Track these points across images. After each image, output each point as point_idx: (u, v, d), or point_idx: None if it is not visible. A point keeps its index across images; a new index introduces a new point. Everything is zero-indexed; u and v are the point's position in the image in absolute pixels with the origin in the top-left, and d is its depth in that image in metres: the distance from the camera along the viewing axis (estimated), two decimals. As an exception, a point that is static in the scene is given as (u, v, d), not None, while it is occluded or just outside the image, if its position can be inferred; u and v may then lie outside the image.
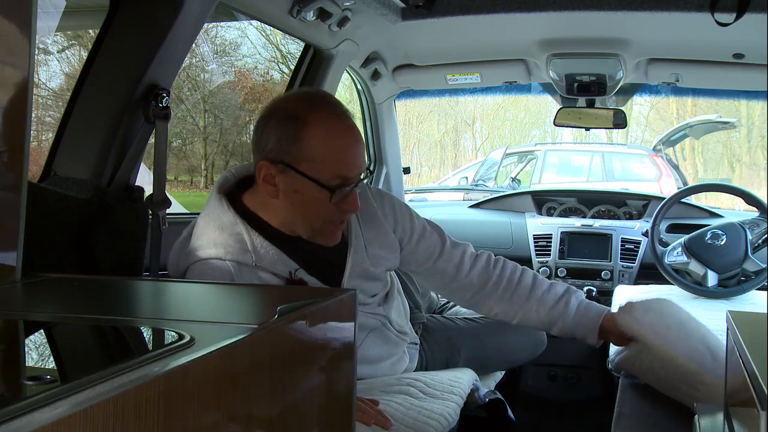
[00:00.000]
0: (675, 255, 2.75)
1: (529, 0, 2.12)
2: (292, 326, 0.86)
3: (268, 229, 1.52)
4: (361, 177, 1.50)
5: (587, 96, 2.76)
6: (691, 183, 8.06)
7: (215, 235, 1.49)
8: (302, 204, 1.47)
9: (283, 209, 1.51)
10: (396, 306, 1.75)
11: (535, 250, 3.14)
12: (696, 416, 1.13)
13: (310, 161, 1.44)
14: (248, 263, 1.48)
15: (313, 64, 2.37)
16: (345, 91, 4.20)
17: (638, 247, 3.05)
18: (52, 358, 0.71)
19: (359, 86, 2.95)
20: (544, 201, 3.37)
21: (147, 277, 1.61)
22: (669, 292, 2.72)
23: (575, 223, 3.18)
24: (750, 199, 2.78)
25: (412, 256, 1.72)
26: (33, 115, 1.06)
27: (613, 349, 2.08)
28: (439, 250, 1.73)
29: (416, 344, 1.87)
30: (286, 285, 1.49)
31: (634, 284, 2.99)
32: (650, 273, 2.94)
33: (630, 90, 3.08)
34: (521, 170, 8.59)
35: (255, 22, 5.38)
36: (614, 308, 2.56)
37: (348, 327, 1.03)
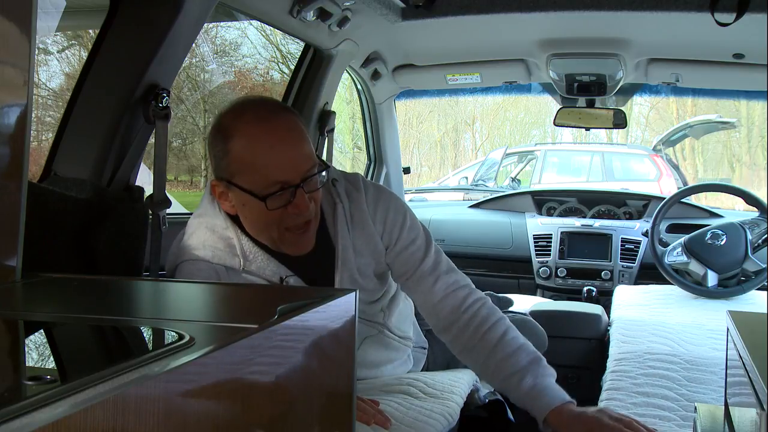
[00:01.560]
0: (675, 255, 2.75)
1: (529, 0, 2.12)
2: (292, 326, 0.86)
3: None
4: (312, 174, 1.41)
5: (587, 96, 2.77)
6: (691, 183, 8.06)
7: (206, 236, 1.48)
8: (252, 217, 1.43)
9: (245, 223, 1.47)
10: (398, 311, 1.72)
11: (535, 250, 3.15)
12: (696, 416, 1.13)
13: (241, 173, 1.39)
14: (236, 267, 1.47)
15: (313, 64, 2.37)
16: (345, 91, 4.20)
17: (638, 247, 3.05)
18: (52, 358, 0.71)
19: (359, 86, 2.95)
20: (544, 201, 3.37)
21: (147, 277, 1.61)
22: (669, 292, 2.73)
23: (575, 223, 3.18)
24: (750, 199, 2.78)
25: (390, 267, 1.63)
26: (33, 115, 1.05)
27: (612, 350, 2.07)
28: (411, 272, 1.59)
29: (424, 348, 1.85)
30: None
31: (634, 284, 2.99)
32: (650, 273, 2.94)
33: (630, 90, 3.08)
34: (521, 170, 8.59)
35: (255, 22, 5.39)
36: (614, 309, 2.57)
37: (348, 327, 1.03)
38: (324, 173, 1.45)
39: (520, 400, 1.51)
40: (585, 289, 3.00)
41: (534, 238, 3.16)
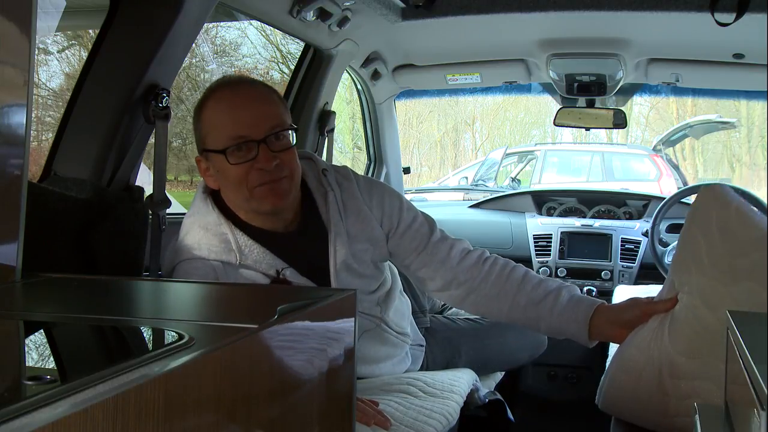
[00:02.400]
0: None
1: (529, 0, 2.12)
2: (292, 326, 0.86)
3: (250, 227, 1.52)
4: (277, 131, 1.45)
5: (587, 96, 2.76)
6: (691, 183, 8.05)
7: (200, 235, 1.50)
8: (227, 180, 1.48)
9: (229, 195, 1.52)
10: (395, 307, 1.73)
11: (535, 250, 3.14)
12: (696, 416, 1.13)
13: (209, 135, 1.47)
14: (233, 262, 1.48)
15: (313, 64, 2.37)
16: (345, 91, 4.20)
17: (638, 247, 3.04)
18: (52, 358, 0.71)
19: (359, 86, 2.95)
20: (544, 201, 3.36)
21: (147, 277, 1.61)
22: (669, 292, 2.72)
23: (575, 223, 3.18)
24: (750, 199, 2.78)
25: (397, 249, 1.66)
26: (33, 115, 1.05)
27: (612, 350, 2.07)
28: (423, 244, 1.64)
29: (422, 346, 1.86)
30: (272, 284, 1.49)
31: (634, 284, 2.99)
32: (650, 273, 2.93)
33: (630, 90, 3.08)
34: (521, 170, 8.59)
35: (255, 22, 5.39)
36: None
37: (348, 327, 1.03)
38: (294, 133, 1.51)
39: (558, 317, 1.55)
40: (585, 289, 3.00)
41: (534, 238, 3.16)
